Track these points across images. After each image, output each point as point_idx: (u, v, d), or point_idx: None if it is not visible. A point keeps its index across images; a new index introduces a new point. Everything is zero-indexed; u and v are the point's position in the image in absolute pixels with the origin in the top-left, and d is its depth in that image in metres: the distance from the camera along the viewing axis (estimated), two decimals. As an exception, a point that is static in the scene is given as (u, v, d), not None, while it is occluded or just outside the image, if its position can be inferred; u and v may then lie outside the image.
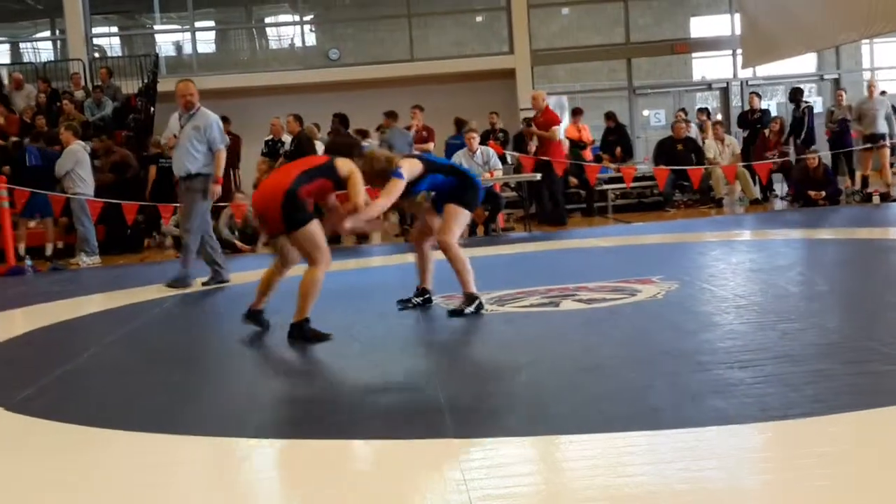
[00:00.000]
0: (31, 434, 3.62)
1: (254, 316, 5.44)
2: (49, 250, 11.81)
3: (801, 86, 15.38)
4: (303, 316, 5.01)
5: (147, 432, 3.47)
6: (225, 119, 13.03)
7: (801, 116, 13.38)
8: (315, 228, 5.05)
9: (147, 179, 12.85)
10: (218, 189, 7.86)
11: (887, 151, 12.31)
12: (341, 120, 11.95)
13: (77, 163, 10.85)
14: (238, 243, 11.53)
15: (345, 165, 5.15)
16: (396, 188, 5.45)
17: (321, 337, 4.99)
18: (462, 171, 5.93)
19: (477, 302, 5.60)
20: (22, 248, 11.17)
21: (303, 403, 3.97)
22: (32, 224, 11.78)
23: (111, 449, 3.36)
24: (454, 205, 5.66)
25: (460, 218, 5.70)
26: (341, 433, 3.34)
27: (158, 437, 3.41)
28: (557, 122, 12.23)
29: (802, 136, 13.21)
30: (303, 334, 5.00)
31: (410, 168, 5.53)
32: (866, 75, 18.00)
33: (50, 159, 11.41)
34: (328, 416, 3.62)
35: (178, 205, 12.01)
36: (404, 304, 5.86)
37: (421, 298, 5.87)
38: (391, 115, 12.24)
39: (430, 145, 12.61)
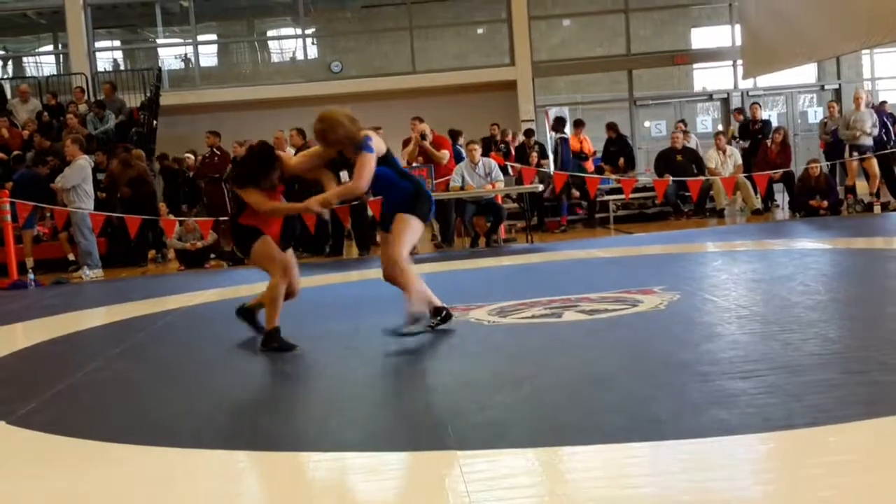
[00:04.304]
0: (33, 448, 3.62)
1: (245, 313, 5.58)
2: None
3: (801, 95, 15.39)
4: (271, 325, 5.17)
5: (149, 446, 3.46)
6: (216, 133, 13.07)
7: (556, 147, 13.77)
8: (260, 246, 5.18)
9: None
10: None
11: (874, 162, 12.31)
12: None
13: (84, 178, 10.86)
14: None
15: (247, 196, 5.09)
16: (370, 165, 4.83)
17: (287, 347, 5.11)
18: (415, 178, 5.35)
19: (443, 313, 5.25)
20: (30, 262, 11.15)
21: (304, 416, 3.97)
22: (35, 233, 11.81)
23: (113, 463, 3.35)
24: (408, 215, 5.08)
25: (414, 230, 5.13)
26: (343, 446, 3.34)
27: (160, 450, 3.41)
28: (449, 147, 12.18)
29: (558, 164, 13.54)
30: (269, 342, 5.15)
31: (378, 142, 4.92)
32: (867, 85, 18.04)
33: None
34: (330, 428, 3.62)
35: (185, 218, 12.10)
36: (429, 327, 5.24)
37: (438, 318, 5.30)
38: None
39: None
